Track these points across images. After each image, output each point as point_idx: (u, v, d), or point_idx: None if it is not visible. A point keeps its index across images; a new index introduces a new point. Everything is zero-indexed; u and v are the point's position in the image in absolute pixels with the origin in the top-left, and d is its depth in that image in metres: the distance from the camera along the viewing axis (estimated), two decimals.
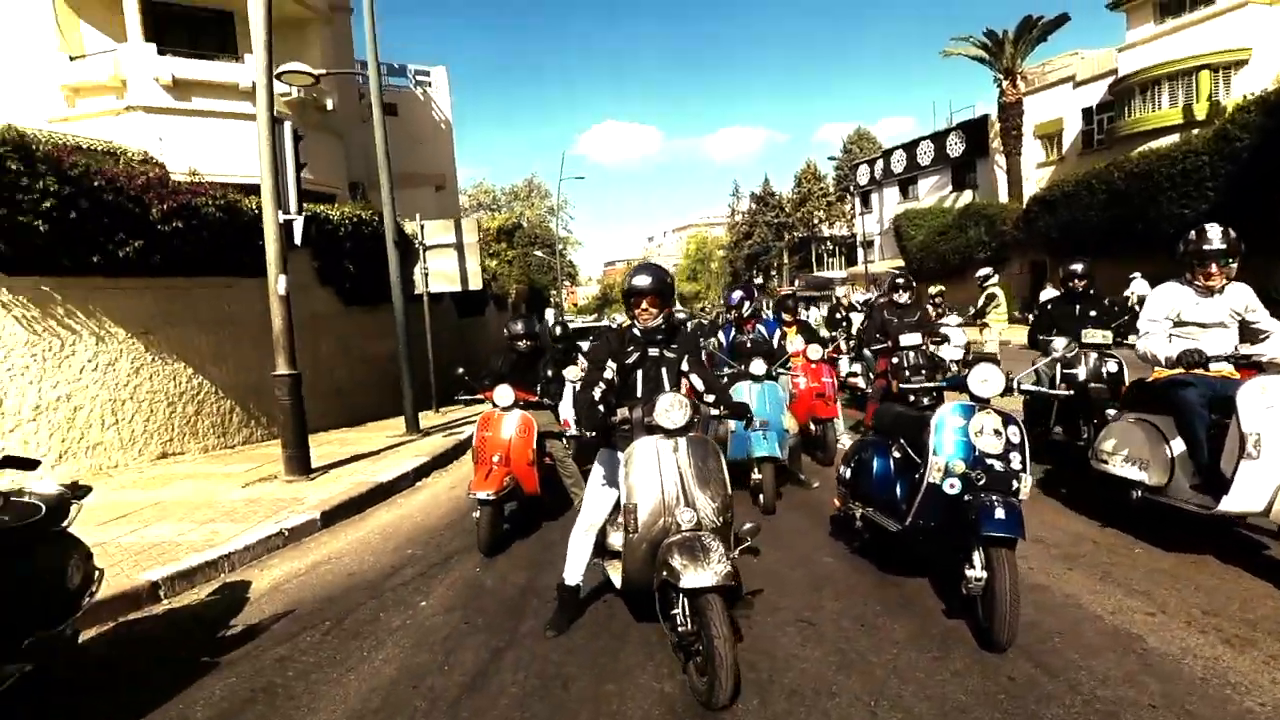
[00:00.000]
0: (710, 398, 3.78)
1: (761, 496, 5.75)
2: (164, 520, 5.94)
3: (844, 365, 10.55)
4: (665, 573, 2.97)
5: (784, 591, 4.07)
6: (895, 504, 4.02)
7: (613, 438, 3.61)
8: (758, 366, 6.15)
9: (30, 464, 2.99)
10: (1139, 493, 4.37)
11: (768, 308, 14.98)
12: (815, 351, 7.59)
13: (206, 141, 13.99)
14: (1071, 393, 5.70)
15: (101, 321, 7.87)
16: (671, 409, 3.29)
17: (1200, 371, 4.14)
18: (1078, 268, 6.51)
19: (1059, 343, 5.60)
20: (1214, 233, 4.26)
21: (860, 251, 42.80)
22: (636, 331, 3.68)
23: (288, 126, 7.69)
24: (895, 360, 7.70)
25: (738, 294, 7.30)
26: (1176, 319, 4.43)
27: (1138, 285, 16.96)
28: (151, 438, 8.35)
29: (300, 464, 7.37)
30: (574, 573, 3.78)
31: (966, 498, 3.43)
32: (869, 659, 3.24)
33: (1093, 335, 6.16)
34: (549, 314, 36.04)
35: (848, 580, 4.23)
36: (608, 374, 3.59)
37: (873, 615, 3.70)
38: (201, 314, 9.01)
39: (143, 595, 4.45)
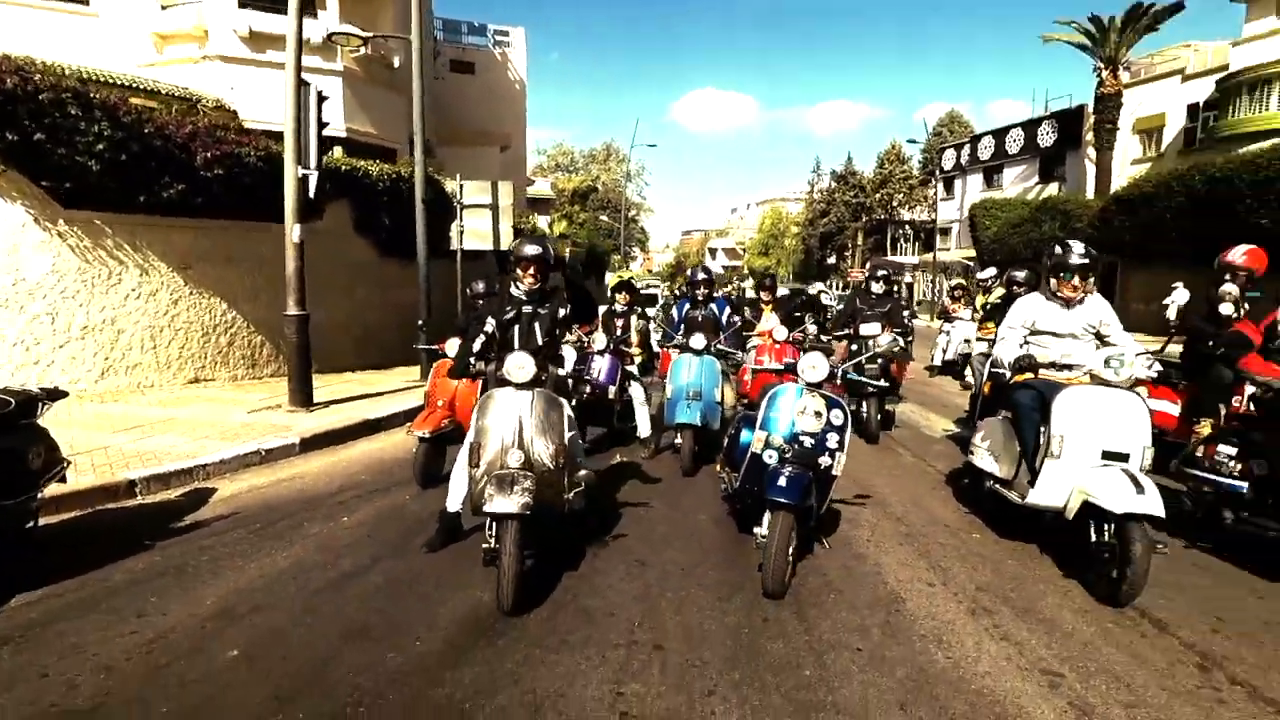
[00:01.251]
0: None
1: (680, 459, 6.24)
2: (168, 433, 6.86)
3: None
4: (482, 500, 3.54)
5: (644, 539, 4.59)
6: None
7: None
8: (697, 341, 6.60)
9: None
10: (990, 483, 4.68)
11: (837, 288, 15.07)
12: (781, 332, 7.95)
13: (274, 92, 14.99)
14: (884, 385, 6.08)
15: (146, 255, 8.89)
16: (520, 366, 3.82)
17: (1051, 376, 4.40)
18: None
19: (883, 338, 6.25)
20: (1076, 248, 4.47)
21: (937, 238, 41.78)
22: (517, 293, 4.23)
23: (313, 89, 8.43)
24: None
25: (701, 274, 7.71)
26: (1032, 328, 4.66)
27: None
28: (185, 363, 9.40)
29: (302, 396, 8.24)
30: (454, 501, 4.38)
31: (772, 466, 3.87)
32: (665, 594, 3.75)
33: None
34: (609, 277, 36.69)
35: (705, 536, 4.71)
36: (488, 328, 4.18)
37: (696, 564, 4.19)
38: (238, 254, 9.96)
39: (120, 490, 5.30)
